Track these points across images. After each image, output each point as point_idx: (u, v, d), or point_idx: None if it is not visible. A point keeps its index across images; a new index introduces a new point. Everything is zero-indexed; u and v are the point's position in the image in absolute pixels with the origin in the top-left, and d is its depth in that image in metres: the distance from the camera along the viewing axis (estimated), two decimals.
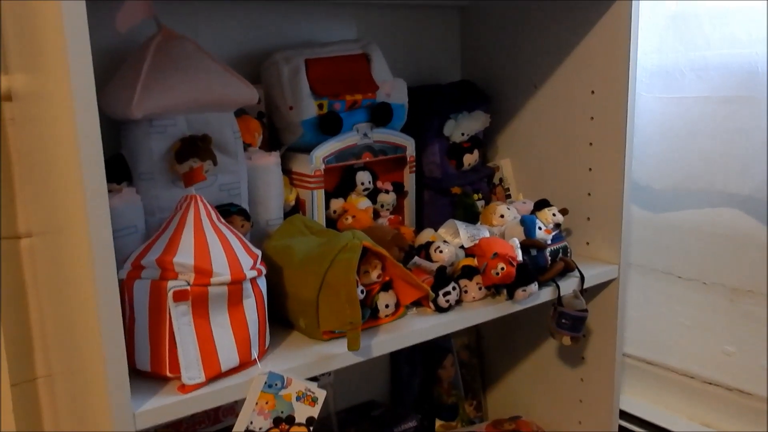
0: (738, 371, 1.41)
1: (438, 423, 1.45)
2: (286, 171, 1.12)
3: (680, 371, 1.50)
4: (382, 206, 1.21)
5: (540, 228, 1.09)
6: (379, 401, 1.44)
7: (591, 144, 1.21)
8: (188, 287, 0.76)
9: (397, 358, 1.45)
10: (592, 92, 1.19)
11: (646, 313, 1.51)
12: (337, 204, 1.16)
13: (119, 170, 0.95)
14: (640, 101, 1.18)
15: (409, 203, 1.26)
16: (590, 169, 1.22)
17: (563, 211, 1.16)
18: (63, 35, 0.64)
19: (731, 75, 1.26)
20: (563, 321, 1.12)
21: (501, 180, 1.37)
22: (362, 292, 0.92)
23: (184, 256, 0.77)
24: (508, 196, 1.37)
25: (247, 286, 0.81)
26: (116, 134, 0.96)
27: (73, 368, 0.90)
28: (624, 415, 1.45)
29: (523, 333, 1.41)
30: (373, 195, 1.19)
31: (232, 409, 1.07)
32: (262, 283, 0.85)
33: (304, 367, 0.85)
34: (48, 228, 0.91)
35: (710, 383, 1.46)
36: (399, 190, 1.23)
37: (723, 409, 1.44)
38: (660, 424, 1.50)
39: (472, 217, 1.23)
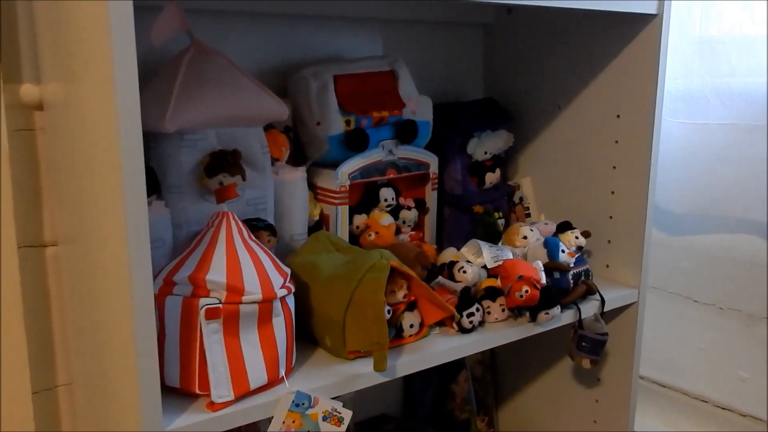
0: (752, 397, 1.41)
1: None
2: (311, 186, 1.12)
3: (693, 395, 1.50)
4: (404, 222, 1.21)
5: (563, 251, 1.09)
6: (391, 415, 1.44)
7: (614, 167, 1.21)
8: (220, 305, 0.76)
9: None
10: (618, 116, 1.19)
11: (661, 336, 1.52)
12: (360, 220, 1.16)
13: (148, 182, 0.94)
14: (664, 126, 1.18)
15: (430, 220, 1.26)
16: (612, 192, 1.22)
17: (585, 234, 1.16)
18: (109, 38, 0.63)
19: (755, 103, 1.26)
20: (583, 344, 1.12)
21: (521, 199, 1.37)
22: (388, 312, 0.92)
23: (217, 273, 0.78)
24: (528, 215, 1.37)
25: (277, 305, 0.82)
26: (146, 146, 0.96)
27: (98, 379, 0.90)
28: None
29: (539, 351, 1.41)
30: (395, 211, 1.20)
31: (255, 426, 1.07)
32: (291, 301, 0.85)
33: (330, 386, 0.85)
34: (76, 237, 0.91)
35: (723, 408, 1.46)
36: (420, 206, 1.23)
37: None
38: None
39: (493, 235, 1.23)
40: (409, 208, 1.21)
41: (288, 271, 0.86)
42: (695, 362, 1.48)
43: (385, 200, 1.17)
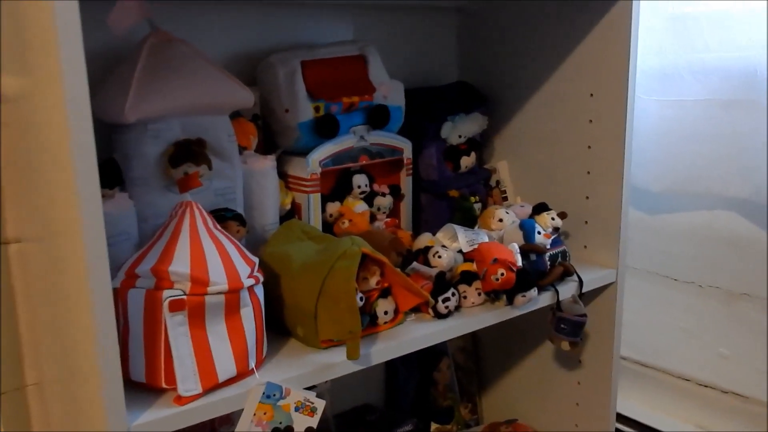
0: (733, 374, 1.41)
1: (434, 426, 1.44)
2: (282, 174, 1.10)
3: (675, 374, 1.50)
4: (379, 209, 1.19)
5: (539, 232, 1.08)
6: (374, 405, 1.42)
7: (589, 147, 1.20)
8: (184, 297, 0.74)
9: (392, 361, 1.43)
10: (591, 95, 1.17)
11: (641, 316, 1.51)
12: (333, 208, 1.14)
13: (111, 175, 0.92)
14: (639, 103, 1.17)
15: (406, 206, 1.25)
16: (588, 173, 1.21)
17: (562, 215, 1.14)
18: (55, 36, 0.61)
19: (730, 78, 1.25)
20: (562, 326, 1.11)
21: (498, 182, 1.36)
22: (361, 299, 0.90)
23: (180, 264, 0.75)
24: (505, 199, 1.35)
25: (245, 295, 0.80)
26: (108, 138, 0.94)
27: (66, 377, 0.88)
28: (619, 417, 1.45)
29: (520, 336, 1.40)
30: (369, 198, 1.18)
31: (228, 419, 1.05)
32: (260, 291, 0.83)
33: (303, 376, 0.83)
34: (39, 234, 0.89)
35: (706, 386, 1.46)
36: (395, 193, 1.22)
37: (718, 411, 1.44)
38: (655, 426, 1.50)
39: (469, 220, 1.22)
40: (383, 195, 1.19)
41: (256, 260, 0.84)
42: (676, 341, 1.48)
43: (359, 187, 1.15)
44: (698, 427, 1.47)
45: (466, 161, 1.28)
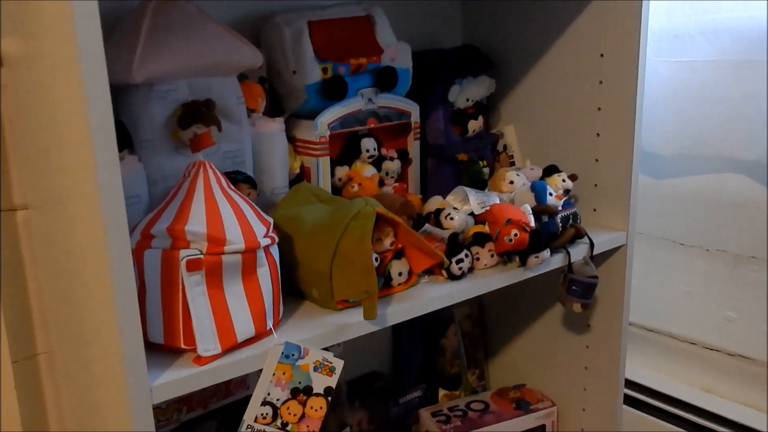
0: (740, 337, 1.42)
1: (441, 393, 1.44)
2: (290, 138, 1.09)
3: (682, 338, 1.50)
4: (387, 174, 1.18)
5: (551, 194, 1.07)
6: (381, 372, 1.42)
7: (599, 109, 1.18)
8: (201, 256, 0.73)
9: (399, 328, 1.43)
10: (602, 55, 1.16)
11: (649, 280, 1.51)
12: (342, 172, 1.13)
13: (119, 137, 0.89)
14: (648, 65, 1.15)
15: (414, 171, 1.23)
16: (598, 135, 1.20)
17: (572, 177, 1.14)
18: None
19: (741, 38, 1.24)
20: (573, 288, 1.11)
21: (505, 147, 1.35)
22: (376, 260, 0.89)
23: (196, 224, 0.74)
24: (512, 163, 1.34)
25: (261, 255, 0.79)
26: (114, 100, 0.92)
27: (78, 343, 0.87)
28: (625, 381, 1.45)
29: (527, 302, 1.40)
30: (377, 163, 1.17)
31: (244, 382, 1.05)
32: (275, 251, 0.82)
33: (320, 337, 0.83)
34: (48, 199, 0.87)
35: (712, 349, 1.46)
36: (403, 157, 1.21)
37: (725, 374, 1.45)
38: (661, 390, 1.51)
39: (478, 184, 1.21)
40: (391, 159, 1.18)
41: (270, 220, 0.83)
42: (683, 305, 1.48)
43: (367, 151, 1.14)
44: (704, 390, 1.48)
45: (474, 125, 1.27)
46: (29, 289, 1.01)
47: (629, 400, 1.49)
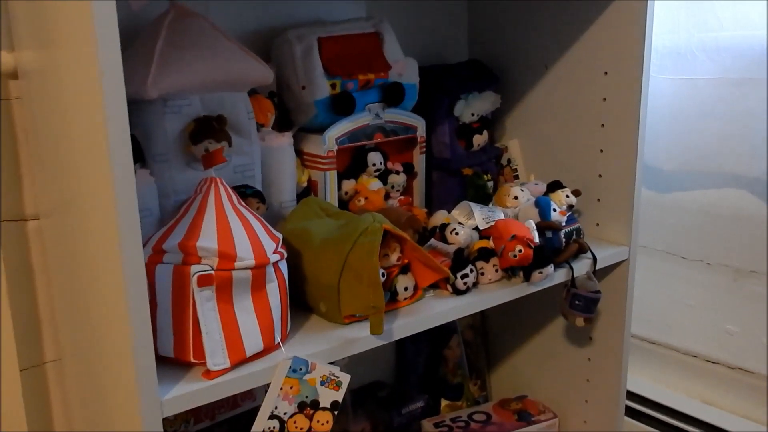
0: (740, 350, 1.43)
1: (444, 402, 1.45)
2: (297, 152, 1.10)
3: (683, 350, 1.51)
4: (393, 187, 1.19)
5: (555, 210, 1.08)
6: (385, 382, 1.44)
7: (603, 125, 1.20)
8: (212, 272, 0.75)
9: (402, 339, 1.44)
10: (605, 73, 1.17)
11: (650, 293, 1.52)
12: (348, 185, 1.14)
13: (132, 151, 0.92)
14: (651, 82, 1.17)
15: (419, 184, 1.25)
16: (601, 151, 1.21)
17: (576, 193, 1.15)
18: (89, 9, 0.61)
19: (743, 56, 1.25)
20: (576, 302, 1.12)
21: (509, 161, 1.36)
22: (382, 275, 0.91)
23: (208, 240, 0.76)
24: (516, 177, 1.36)
25: (270, 271, 0.80)
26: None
27: (88, 353, 0.88)
28: (627, 393, 1.47)
29: (529, 313, 1.41)
30: (383, 176, 1.18)
31: (251, 394, 1.06)
32: (284, 267, 0.84)
33: (327, 351, 0.84)
34: (60, 209, 0.89)
35: (712, 362, 1.48)
36: (408, 171, 1.22)
37: (725, 387, 1.46)
38: (661, 402, 1.52)
39: (483, 198, 1.22)
40: (397, 173, 1.19)
41: (280, 236, 0.84)
42: (684, 318, 1.49)
43: (374, 165, 1.15)
44: (704, 402, 1.49)
45: (479, 139, 1.28)
46: (39, 297, 1.02)
47: (629, 411, 1.50)
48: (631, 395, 1.51)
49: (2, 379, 1.00)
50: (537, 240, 1.02)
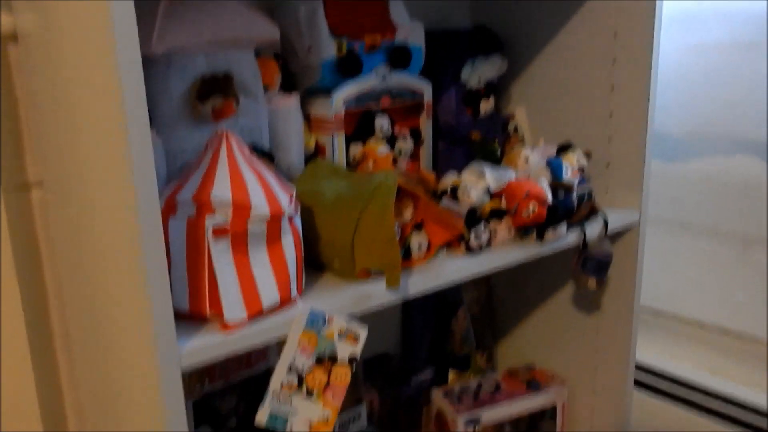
0: (749, 319, 1.42)
1: (451, 374, 1.44)
2: (304, 116, 1.08)
3: (690, 320, 1.51)
4: (400, 153, 1.18)
5: (567, 171, 1.07)
6: (391, 354, 1.42)
7: (612, 88, 1.18)
8: (228, 223, 0.73)
9: (409, 311, 1.43)
10: (615, 34, 1.16)
11: (658, 263, 1.51)
12: (357, 149, 1.12)
13: None
14: (661, 47, 1.16)
15: (426, 151, 1.23)
16: (611, 115, 1.20)
17: (588, 154, 1.14)
18: None
19: (751, 20, 1.24)
20: (588, 265, 1.11)
21: (516, 128, 1.35)
22: (397, 232, 0.89)
23: (222, 190, 0.74)
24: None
25: (285, 223, 0.78)
26: None
27: (101, 308, 0.85)
28: None
29: (535, 284, 1.40)
30: (390, 142, 1.16)
31: (264, 355, 1.04)
32: (298, 221, 0.82)
33: (344, 306, 0.83)
34: (66, 175, 0.86)
35: (721, 331, 1.47)
36: (416, 137, 1.20)
37: (733, 357, 1.45)
38: (669, 372, 1.51)
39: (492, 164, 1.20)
40: (404, 138, 1.17)
41: (293, 189, 0.82)
42: (692, 288, 1.48)
43: (381, 128, 1.14)
44: (712, 373, 1.49)
45: (485, 105, 1.26)
46: (44, 265, 1.00)
47: (636, 382, 1.49)
48: (637, 365, 1.50)
49: (10, 345, 0.98)
50: (550, 199, 1.00)
